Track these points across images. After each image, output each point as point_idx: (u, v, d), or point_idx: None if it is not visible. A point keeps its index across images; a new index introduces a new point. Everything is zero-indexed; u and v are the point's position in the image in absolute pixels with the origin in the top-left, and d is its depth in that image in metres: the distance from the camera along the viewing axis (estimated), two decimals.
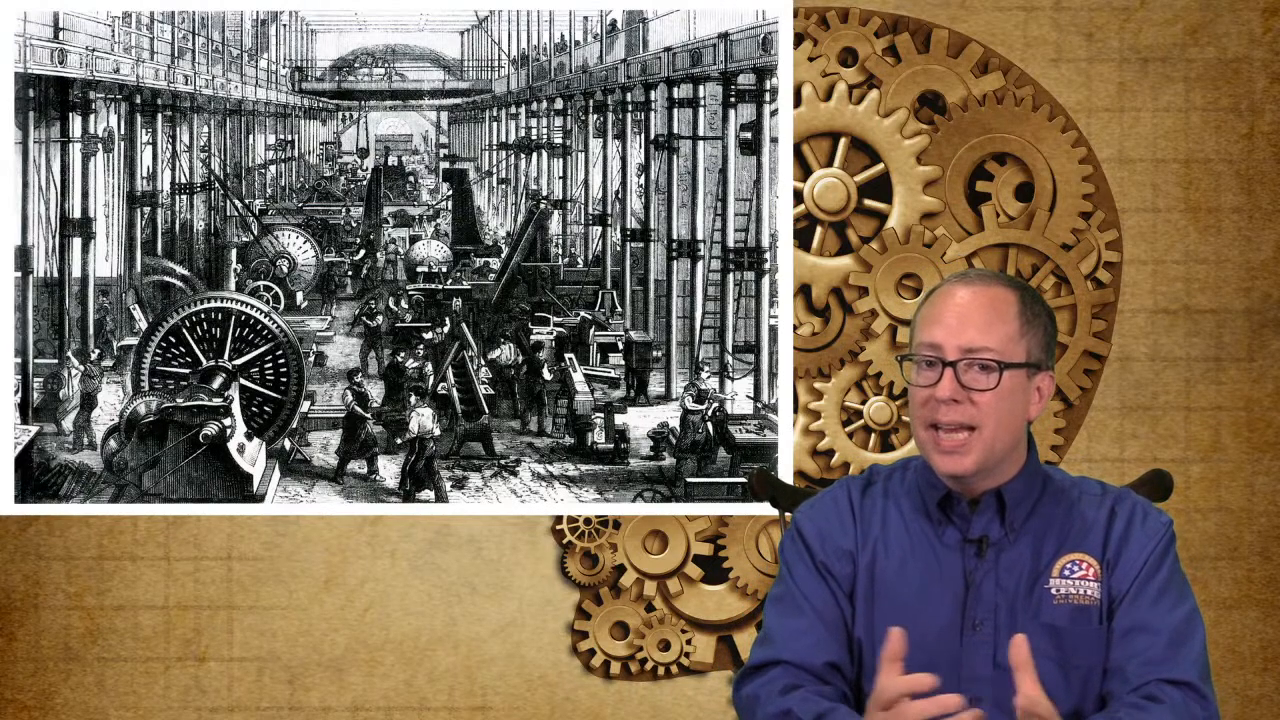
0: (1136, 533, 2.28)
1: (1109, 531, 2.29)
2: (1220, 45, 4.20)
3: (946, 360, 2.22)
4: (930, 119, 4.18)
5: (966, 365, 2.22)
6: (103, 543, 4.18)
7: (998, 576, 2.27)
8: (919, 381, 2.25)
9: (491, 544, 4.21)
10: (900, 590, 2.31)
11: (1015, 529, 2.29)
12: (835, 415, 4.20)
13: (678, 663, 4.19)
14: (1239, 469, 4.22)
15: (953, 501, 2.31)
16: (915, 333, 2.29)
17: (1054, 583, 2.26)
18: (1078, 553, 2.28)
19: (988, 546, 2.28)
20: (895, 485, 2.40)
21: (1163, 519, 2.31)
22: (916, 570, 2.31)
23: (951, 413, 2.22)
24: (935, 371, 2.23)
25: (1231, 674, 4.21)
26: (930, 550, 2.31)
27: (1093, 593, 2.25)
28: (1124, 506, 2.31)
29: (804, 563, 2.37)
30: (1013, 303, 2.26)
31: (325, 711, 4.20)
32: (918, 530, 2.33)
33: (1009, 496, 2.29)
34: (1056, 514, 2.31)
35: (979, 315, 2.23)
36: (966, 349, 2.22)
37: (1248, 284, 4.22)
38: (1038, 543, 2.29)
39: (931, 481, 2.33)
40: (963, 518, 2.30)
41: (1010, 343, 2.23)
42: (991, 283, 2.28)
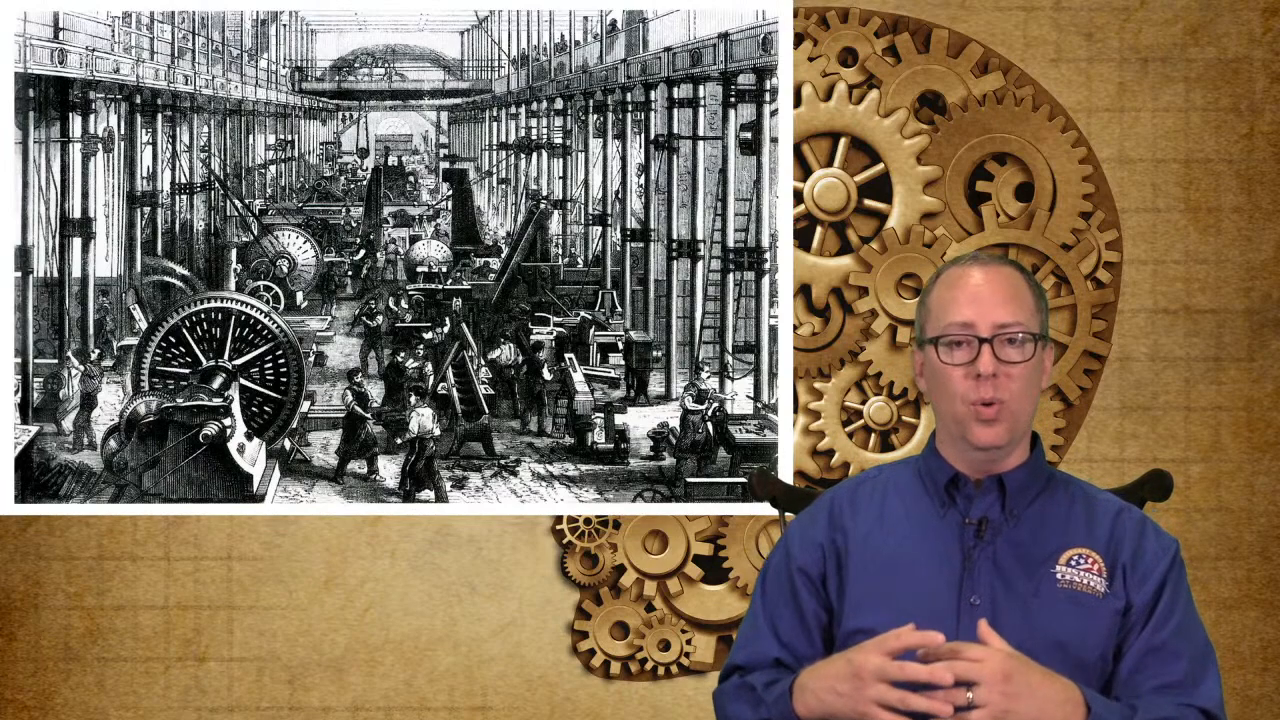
0: (1150, 543, 2.34)
1: (1114, 531, 2.34)
2: (1220, 45, 4.20)
3: (982, 337, 2.30)
4: (930, 119, 4.18)
5: (1000, 341, 2.30)
6: (103, 543, 4.18)
7: (995, 556, 2.32)
8: (953, 360, 2.32)
9: (491, 544, 4.21)
10: (899, 563, 2.36)
11: (1016, 515, 2.34)
12: (835, 415, 4.20)
13: (678, 663, 4.20)
14: (1239, 469, 4.22)
15: (959, 484, 2.37)
16: (935, 316, 2.36)
17: (1060, 569, 2.31)
18: (1083, 547, 2.33)
19: (987, 527, 2.33)
20: (898, 473, 2.47)
21: (1172, 539, 2.38)
22: (915, 547, 2.36)
23: (989, 388, 2.29)
24: (969, 349, 2.31)
25: (1231, 674, 4.21)
26: (931, 530, 2.37)
27: (1097, 586, 2.30)
28: (1132, 515, 2.37)
29: (780, 573, 2.47)
30: (1022, 280, 2.36)
31: (325, 711, 4.20)
32: (919, 512, 2.39)
33: (1010, 483, 2.35)
34: (1060, 507, 2.37)
35: (1002, 292, 2.33)
36: (1000, 325, 2.30)
37: (1248, 284, 4.22)
38: (1038, 530, 2.34)
39: (939, 464, 2.39)
40: (966, 499, 2.36)
41: (1031, 317, 2.33)
42: (1000, 263, 2.38)
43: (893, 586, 2.34)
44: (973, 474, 2.36)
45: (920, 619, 2.24)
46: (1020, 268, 2.39)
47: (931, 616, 2.28)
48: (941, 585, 2.32)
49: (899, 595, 2.33)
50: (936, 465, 2.40)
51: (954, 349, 2.32)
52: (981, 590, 2.30)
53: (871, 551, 2.38)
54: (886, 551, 2.37)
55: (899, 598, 2.32)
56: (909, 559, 2.35)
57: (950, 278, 2.37)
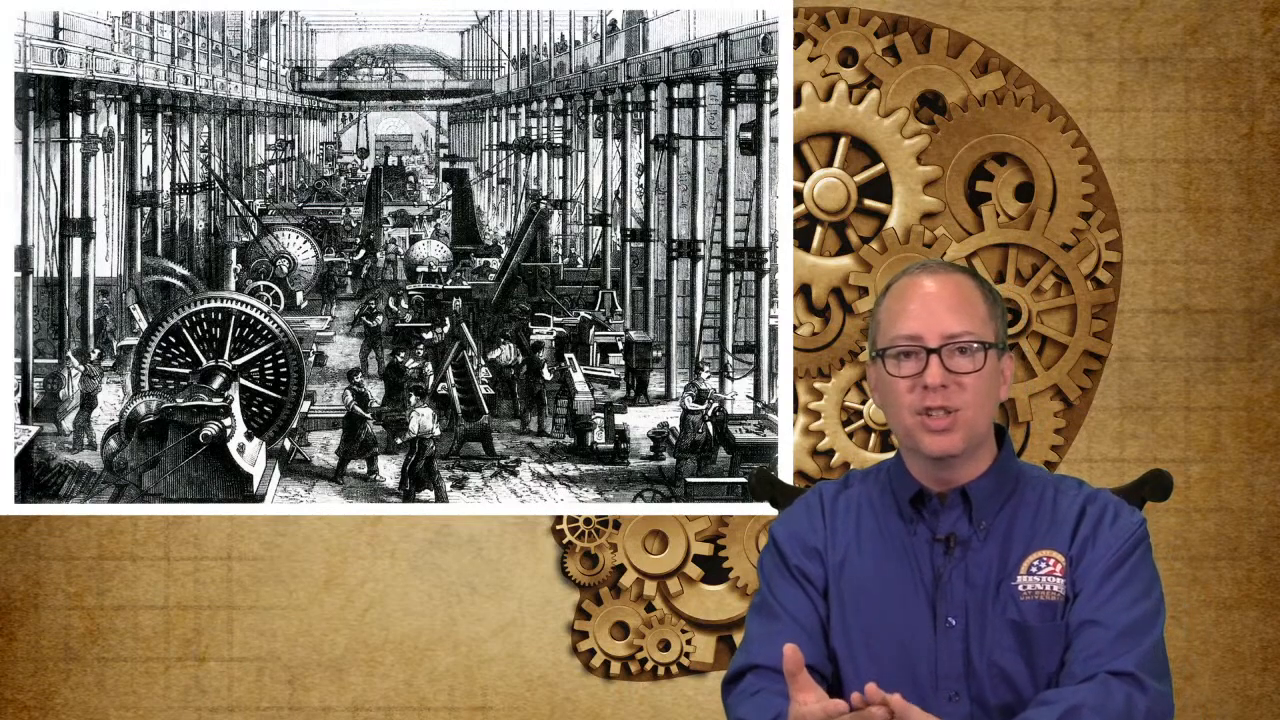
0: (1104, 533, 2.27)
1: (1076, 529, 2.28)
2: (1220, 45, 4.20)
3: (930, 348, 2.25)
4: (930, 119, 4.18)
5: (949, 351, 2.25)
6: (103, 543, 4.18)
7: (967, 573, 2.28)
8: (900, 372, 2.27)
9: (491, 544, 4.21)
10: (875, 589, 2.32)
11: (984, 526, 2.29)
12: (835, 415, 4.20)
13: (678, 663, 4.20)
14: (1239, 469, 4.22)
15: (924, 499, 2.32)
16: (884, 328, 2.31)
17: (1021, 580, 2.26)
18: (1046, 549, 2.28)
19: (955, 544, 2.29)
20: (869, 486, 2.41)
21: (1134, 519, 2.30)
22: (890, 569, 2.32)
23: (938, 397, 2.24)
24: (918, 361, 2.26)
25: (1231, 674, 4.21)
26: (903, 548, 2.32)
27: (1059, 589, 2.25)
28: (1095, 506, 2.31)
29: (778, 569, 2.40)
30: (974, 288, 2.31)
31: (325, 711, 4.20)
32: (891, 529, 2.34)
33: (975, 494, 2.30)
34: (1028, 511, 2.31)
35: (951, 301, 2.27)
36: (948, 335, 2.25)
37: (1248, 284, 4.22)
38: (1007, 540, 2.29)
39: (903, 479, 2.34)
40: (934, 514, 2.32)
41: (983, 325, 2.28)
42: (951, 271, 2.32)
43: (870, 615, 2.30)
44: (936, 487, 2.31)
45: (898, 642, 2.25)
46: (973, 274, 2.34)
47: (909, 639, 2.27)
48: (916, 608, 2.28)
49: (875, 624, 2.29)
50: (901, 481, 2.35)
51: (901, 361, 2.27)
52: (955, 610, 2.26)
53: (848, 577, 2.34)
54: (863, 575, 2.33)
55: (876, 627, 2.29)
56: (884, 581, 2.31)
57: (899, 288, 2.32)
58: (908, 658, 2.27)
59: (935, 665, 2.27)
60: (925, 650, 2.27)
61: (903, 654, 2.28)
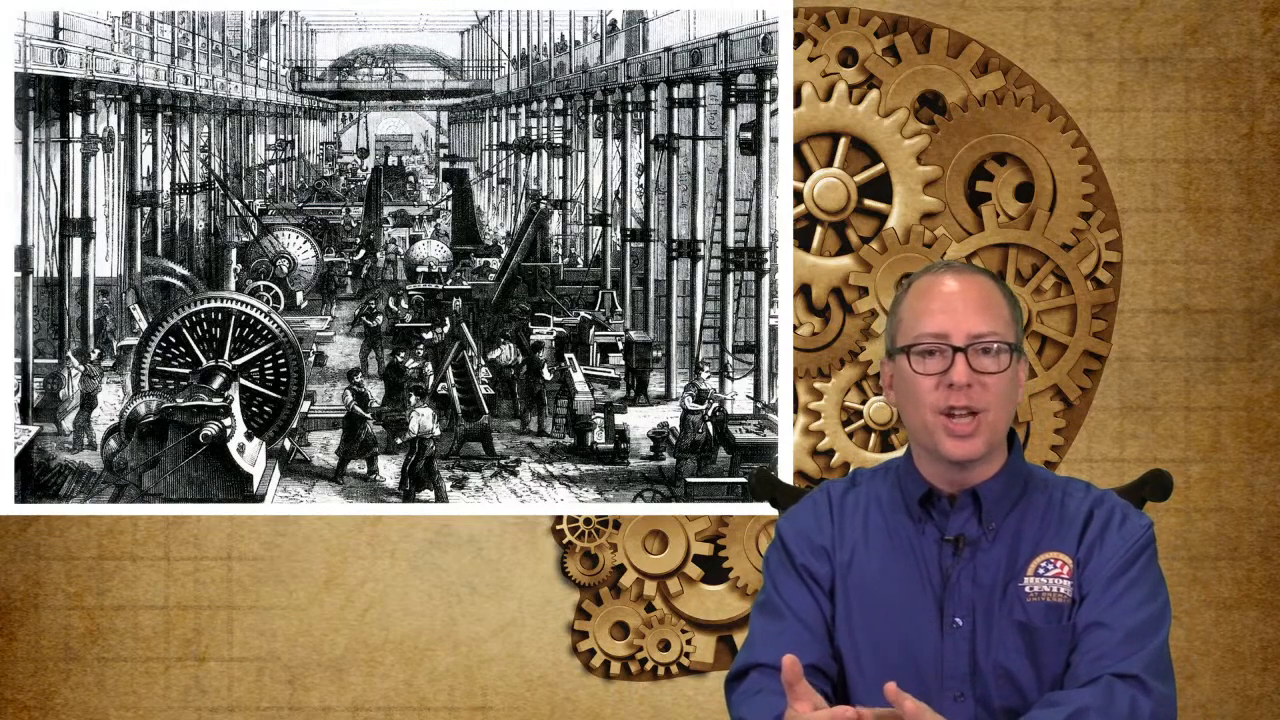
0: (1111, 536, 2.27)
1: (1084, 532, 2.28)
2: (1220, 45, 4.20)
3: (956, 346, 2.24)
4: (930, 119, 4.18)
5: (975, 351, 2.24)
6: (103, 543, 4.18)
7: (975, 574, 2.27)
8: (925, 370, 2.26)
9: (491, 544, 4.21)
10: (882, 589, 2.32)
11: (993, 528, 2.29)
12: (835, 415, 4.20)
13: (678, 663, 4.20)
14: (1239, 469, 4.22)
15: (933, 499, 2.32)
16: (907, 326, 2.30)
17: (1028, 581, 2.26)
18: (1053, 551, 2.28)
19: (964, 545, 2.28)
20: (878, 485, 2.41)
21: (1142, 521, 2.30)
22: (897, 568, 2.32)
23: (962, 397, 2.23)
24: (942, 359, 2.25)
25: (1231, 674, 4.21)
26: (911, 549, 2.32)
27: (1066, 591, 2.25)
28: (1103, 509, 2.31)
29: (784, 567, 2.40)
30: (996, 290, 2.30)
31: (325, 711, 4.20)
32: (898, 529, 2.34)
33: (985, 495, 2.29)
34: (1036, 513, 2.31)
35: (976, 301, 2.27)
36: (974, 334, 2.24)
37: (1248, 284, 4.22)
38: (1016, 541, 2.29)
39: (913, 479, 2.34)
40: (943, 515, 2.31)
41: (1007, 327, 2.27)
42: (973, 272, 2.32)
43: (876, 614, 2.30)
44: (946, 488, 2.30)
45: (904, 642, 2.24)
46: (994, 276, 2.33)
47: (916, 639, 2.27)
48: (923, 608, 2.28)
49: (882, 623, 2.29)
50: (911, 480, 2.34)
51: (926, 358, 2.25)
52: (963, 611, 2.26)
53: (855, 575, 2.33)
54: (870, 574, 2.32)
55: (882, 626, 2.29)
56: (891, 580, 2.31)
57: (922, 286, 2.31)
58: (913, 657, 2.27)
59: (940, 665, 2.27)
60: (931, 650, 2.27)
61: (908, 653, 2.27)
